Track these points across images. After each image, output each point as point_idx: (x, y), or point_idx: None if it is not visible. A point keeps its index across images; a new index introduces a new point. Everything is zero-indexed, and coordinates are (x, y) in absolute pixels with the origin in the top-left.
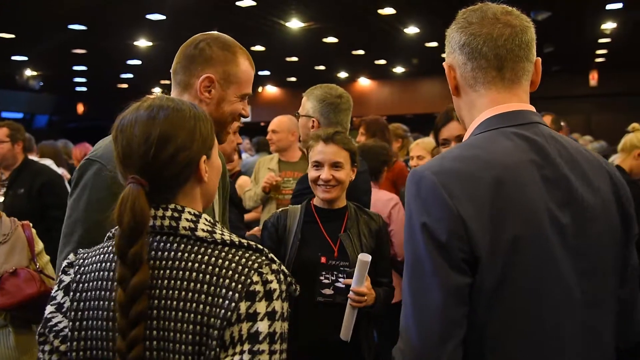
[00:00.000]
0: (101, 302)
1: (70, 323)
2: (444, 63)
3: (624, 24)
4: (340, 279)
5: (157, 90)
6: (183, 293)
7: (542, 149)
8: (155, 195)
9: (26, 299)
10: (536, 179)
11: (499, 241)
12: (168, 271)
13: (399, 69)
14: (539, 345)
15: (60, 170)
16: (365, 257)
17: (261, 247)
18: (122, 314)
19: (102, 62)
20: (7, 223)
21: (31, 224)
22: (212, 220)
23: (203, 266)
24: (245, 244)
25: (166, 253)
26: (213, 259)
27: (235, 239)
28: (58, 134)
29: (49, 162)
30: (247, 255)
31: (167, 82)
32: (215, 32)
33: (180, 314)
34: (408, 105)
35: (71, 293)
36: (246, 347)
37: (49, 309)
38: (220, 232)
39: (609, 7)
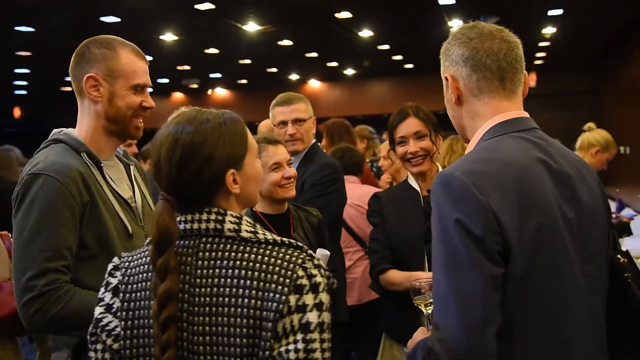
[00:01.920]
0: (149, 303)
1: (122, 322)
2: (444, 74)
3: (562, 28)
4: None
5: None
6: (234, 290)
7: (545, 149)
8: (186, 207)
9: (12, 313)
10: (546, 176)
11: (526, 231)
12: (217, 270)
13: (349, 71)
14: (560, 327)
15: None
16: (325, 252)
17: (301, 245)
18: (155, 320)
19: (48, 64)
20: None
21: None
22: (251, 222)
23: (251, 264)
24: (287, 242)
25: (214, 253)
26: (259, 257)
27: (277, 238)
28: None
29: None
30: (289, 252)
31: None
32: (101, 35)
33: (232, 309)
34: (358, 107)
35: (120, 294)
36: (299, 336)
37: (98, 309)
38: (262, 232)
39: (550, 12)
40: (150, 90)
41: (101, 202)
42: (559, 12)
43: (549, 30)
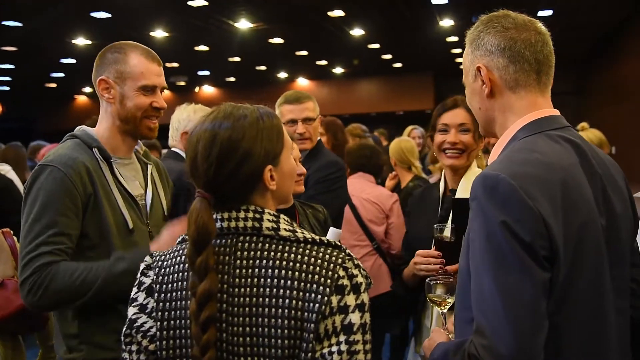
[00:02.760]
0: (185, 302)
1: (158, 323)
2: (475, 64)
3: (551, 29)
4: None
5: (87, 90)
6: (274, 290)
7: (582, 150)
8: (223, 205)
9: (17, 311)
10: (585, 179)
11: (569, 235)
12: (257, 270)
13: (338, 70)
14: (593, 328)
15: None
16: (337, 230)
17: (339, 244)
18: (193, 320)
19: (34, 60)
20: None
21: (12, 232)
22: (289, 220)
23: (291, 264)
24: (325, 241)
25: (252, 253)
26: (299, 256)
27: (316, 237)
28: None
29: (7, 168)
30: (329, 251)
31: None
32: (119, 41)
33: (273, 310)
34: (346, 105)
35: (155, 294)
36: (342, 337)
37: (132, 310)
38: (300, 231)
39: (540, 13)
40: (166, 92)
41: (104, 196)
42: (549, 12)
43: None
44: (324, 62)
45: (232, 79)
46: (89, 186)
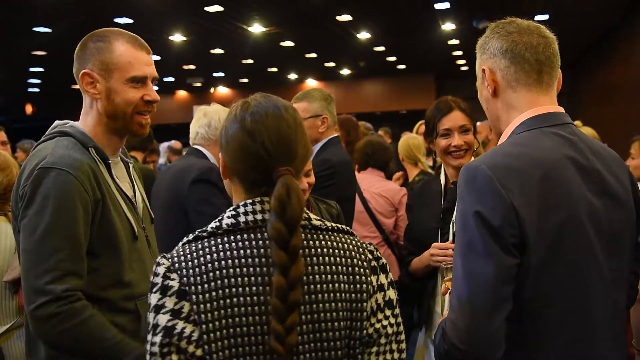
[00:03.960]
0: (243, 299)
1: (203, 326)
2: (481, 67)
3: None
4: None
5: None
6: (328, 276)
7: (577, 146)
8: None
9: None
10: (575, 173)
11: (546, 228)
12: (312, 258)
13: (345, 71)
14: (580, 319)
15: None
16: None
17: (351, 230)
18: (279, 298)
19: (61, 63)
20: None
21: None
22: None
23: (331, 250)
24: (344, 228)
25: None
26: (335, 243)
27: (335, 225)
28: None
29: None
30: (352, 238)
31: None
32: (101, 29)
33: (329, 294)
34: (352, 105)
35: (192, 296)
36: (388, 312)
37: (163, 317)
38: (321, 219)
39: (537, 17)
40: (155, 88)
41: (110, 201)
42: (545, 17)
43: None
44: (332, 64)
45: (245, 80)
46: (97, 191)
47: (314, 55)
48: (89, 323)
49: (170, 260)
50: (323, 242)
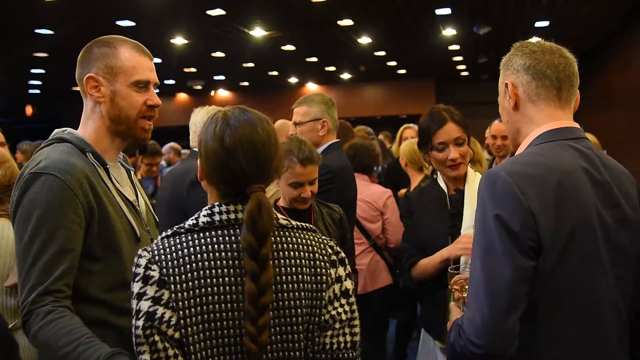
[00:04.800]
0: (217, 288)
1: (181, 312)
2: (504, 82)
3: (547, 39)
4: None
5: None
6: (293, 268)
7: (590, 159)
8: (238, 198)
9: None
10: (587, 183)
11: (559, 232)
12: (278, 253)
13: (345, 75)
14: (587, 321)
15: None
16: None
17: (314, 228)
18: (251, 303)
19: (62, 65)
20: None
21: None
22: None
23: (296, 246)
24: (307, 226)
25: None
26: (299, 239)
27: (299, 223)
28: (4, 135)
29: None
30: (314, 234)
31: None
32: (105, 35)
33: (294, 285)
34: (352, 109)
35: (172, 285)
36: (343, 301)
37: (145, 304)
38: (287, 219)
39: (537, 24)
40: (156, 90)
41: (109, 204)
42: (546, 23)
43: (534, 40)
44: (332, 68)
45: (246, 83)
46: (91, 196)
47: (314, 59)
48: (45, 329)
49: (150, 253)
50: (289, 239)
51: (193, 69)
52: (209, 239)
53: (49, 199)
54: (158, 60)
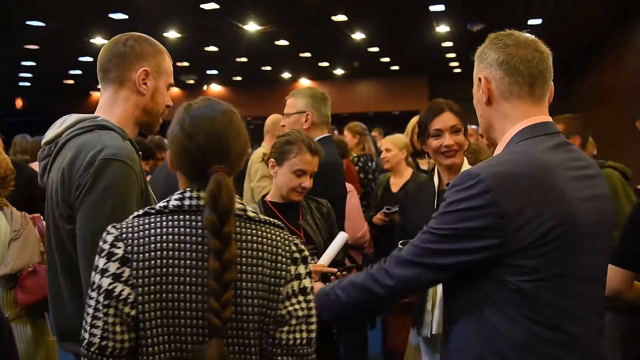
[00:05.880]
0: (177, 269)
1: (139, 289)
2: (478, 76)
3: (539, 36)
4: (311, 261)
5: None
6: (254, 260)
7: (566, 152)
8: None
9: (47, 295)
10: (567, 177)
11: (542, 228)
12: (240, 243)
13: (339, 71)
14: (570, 315)
15: None
16: (345, 234)
17: (281, 224)
18: (215, 279)
19: (54, 58)
20: (18, 218)
21: (42, 217)
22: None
23: (260, 239)
24: (275, 222)
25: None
26: (265, 233)
27: (267, 218)
28: None
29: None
30: (280, 231)
31: None
32: (140, 34)
33: (252, 275)
34: (345, 105)
35: (133, 263)
36: (300, 298)
37: (106, 281)
38: (258, 212)
39: (530, 22)
40: (175, 89)
41: (146, 189)
42: (539, 21)
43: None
44: (325, 64)
45: (239, 78)
46: (142, 181)
47: (308, 54)
48: None
49: (119, 230)
50: (254, 231)
51: (186, 63)
52: (176, 222)
53: (122, 186)
54: None
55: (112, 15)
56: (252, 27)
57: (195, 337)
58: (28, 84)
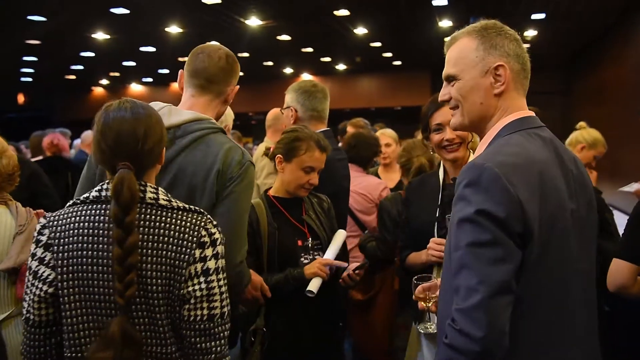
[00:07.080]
0: (91, 252)
1: (58, 269)
2: (497, 62)
3: (543, 31)
4: (317, 257)
5: (104, 82)
6: (158, 244)
7: (556, 147)
8: (136, 177)
9: None
10: (559, 171)
11: (543, 218)
12: (147, 229)
13: (341, 66)
14: (560, 306)
15: None
16: (343, 232)
17: (203, 211)
18: (118, 264)
19: (55, 53)
20: (23, 214)
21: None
22: (164, 191)
23: (169, 225)
24: (193, 208)
25: (141, 215)
26: (174, 219)
27: (186, 205)
28: None
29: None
30: (195, 216)
31: (115, 74)
32: (227, 49)
33: (156, 258)
34: (347, 100)
35: (55, 247)
36: (202, 279)
37: (34, 263)
38: (175, 201)
39: (533, 16)
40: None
41: None
42: (542, 16)
43: (530, 33)
44: (327, 59)
45: (241, 73)
46: None
47: (310, 49)
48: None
49: (47, 219)
50: (162, 218)
51: (187, 58)
52: (93, 211)
53: (249, 192)
54: (152, 49)
55: (113, 10)
56: (254, 21)
57: (107, 312)
58: (30, 79)
